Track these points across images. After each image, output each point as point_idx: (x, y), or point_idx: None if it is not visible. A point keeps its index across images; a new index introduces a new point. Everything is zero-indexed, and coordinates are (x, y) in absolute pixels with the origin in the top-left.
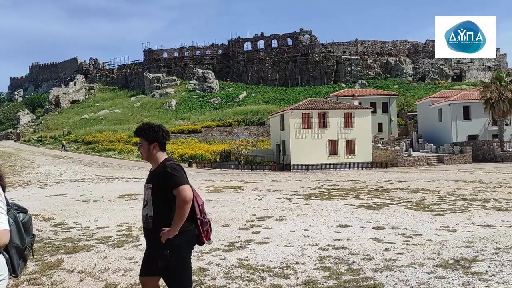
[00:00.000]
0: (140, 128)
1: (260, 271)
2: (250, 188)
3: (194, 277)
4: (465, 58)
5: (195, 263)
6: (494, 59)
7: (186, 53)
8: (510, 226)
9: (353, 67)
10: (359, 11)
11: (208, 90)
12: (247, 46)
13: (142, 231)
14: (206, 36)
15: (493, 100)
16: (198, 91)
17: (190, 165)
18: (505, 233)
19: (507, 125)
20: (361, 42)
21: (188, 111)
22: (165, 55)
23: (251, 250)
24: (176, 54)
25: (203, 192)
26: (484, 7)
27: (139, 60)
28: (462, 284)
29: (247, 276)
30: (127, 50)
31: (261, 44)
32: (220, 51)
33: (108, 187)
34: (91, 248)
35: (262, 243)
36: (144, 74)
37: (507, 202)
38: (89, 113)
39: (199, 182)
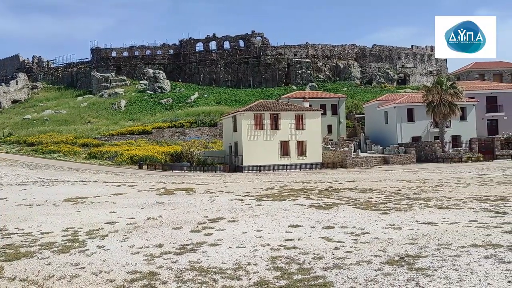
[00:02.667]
0: None
1: (212, 273)
2: (202, 190)
3: (144, 281)
4: (409, 67)
5: (145, 267)
6: (436, 64)
7: (136, 53)
8: (450, 223)
9: (303, 70)
10: (309, 15)
11: (159, 91)
12: (199, 46)
13: (90, 236)
14: (157, 36)
15: (435, 103)
16: (149, 92)
17: (140, 167)
18: (446, 230)
19: (447, 127)
20: (312, 45)
21: (138, 112)
22: (114, 54)
23: (203, 252)
24: (125, 54)
25: (154, 195)
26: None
27: (86, 58)
28: (407, 280)
29: (199, 279)
30: (74, 48)
31: (213, 45)
32: (171, 51)
33: (52, 190)
34: (34, 254)
35: (214, 245)
36: (92, 73)
37: (448, 201)
38: (32, 113)
39: (149, 184)
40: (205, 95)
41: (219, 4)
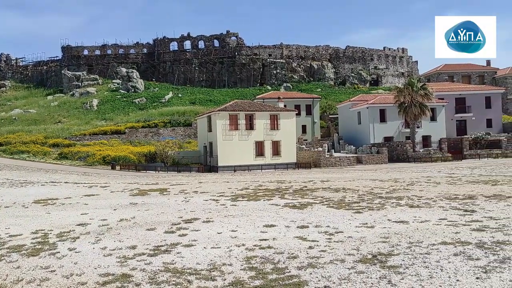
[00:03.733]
0: None
1: (186, 274)
2: (176, 190)
3: (117, 284)
4: (381, 69)
5: (117, 269)
6: (407, 65)
7: (109, 51)
8: (421, 222)
9: (278, 70)
10: (284, 15)
11: (133, 90)
12: (174, 46)
13: (60, 238)
14: (130, 35)
15: (406, 104)
16: (122, 91)
17: (113, 168)
18: (417, 228)
19: (418, 127)
20: (286, 46)
21: (111, 112)
22: (85, 52)
23: (178, 253)
24: (97, 52)
25: (127, 195)
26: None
27: (56, 57)
28: (380, 277)
29: (173, 280)
30: (43, 46)
31: (187, 44)
32: (145, 50)
33: (21, 191)
34: (2, 258)
35: (189, 245)
36: (63, 71)
37: (419, 199)
38: (0, 112)
39: (123, 185)
40: (180, 95)
41: (194, 3)
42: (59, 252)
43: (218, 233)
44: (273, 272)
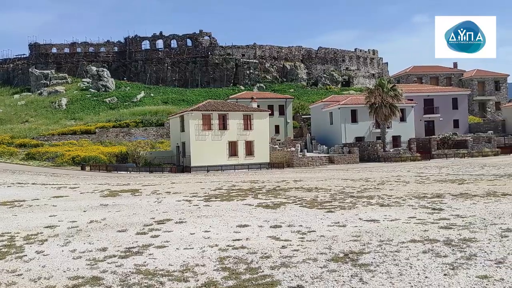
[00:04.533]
0: None
1: (159, 275)
2: (148, 191)
3: (87, 287)
4: (352, 70)
5: (87, 272)
6: (378, 67)
7: (78, 49)
8: (391, 220)
9: (251, 70)
10: (257, 16)
11: (103, 89)
12: (145, 45)
13: (27, 241)
14: (100, 33)
15: (377, 105)
16: (92, 90)
17: (83, 168)
18: (388, 227)
19: (388, 128)
20: (259, 46)
21: (81, 111)
22: (54, 50)
23: (150, 254)
24: (66, 50)
25: (97, 197)
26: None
27: (23, 54)
28: (351, 276)
29: (145, 282)
30: (10, 43)
31: (160, 43)
32: (116, 48)
33: None
34: None
35: (161, 247)
36: (30, 70)
37: (389, 198)
38: None
39: (93, 186)
40: (152, 95)
41: (167, 2)
42: (26, 256)
43: (191, 234)
44: (246, 272)
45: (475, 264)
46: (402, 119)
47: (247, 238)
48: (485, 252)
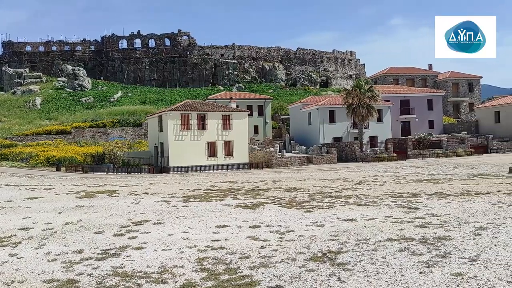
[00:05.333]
0: None
1: (136, 277)
2: (126, 192)
3: None
4: (330, 71)
5: (63, 275)
6: (355, 68)
7: (54, 48)
8: (369, 220)
9: (230, 71)
10: (236, 16)
11: (79, 89)
12: (123, 44)
13: (0, 244)
14: (76, 31)
15: (354, 106)
16: (68, 89)
17: (58, 169)
18: (365, 226)
19: (365, 128)
20: (238, 47)
21: (56, 111)
22: (28, 48)
23: (127, 256)
24: (41, 48)
25: (73, 198)
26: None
27: None
28: (329, 275)
29: (122, 284)
30: None
31: (137, 42)
32: (92, 47)
33: None
34: None
35: (139, 248)
36: (3, 68)
37: (366, 198)
38: None
39: (68, 187)
40: (129, 94)
41: (144, 1)
42: None
43: (170, 235)
44: (225, 272)
45: (450, 262)
46: (379, 119)
47: (226, 239)
48: (459, 250)
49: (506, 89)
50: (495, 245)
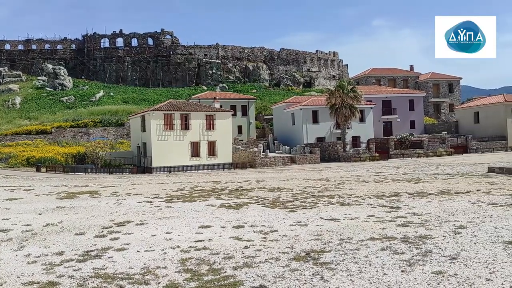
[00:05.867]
0: None
1: (118, 279)
2: (108, 192)
3: None
4: (314, 71)
5: (43, 277)
6: (338, 69)
7: (34, 46)
8: (351, 219)
9: (214, 71)
10: (220, 16)
11: (60, 88)
12: (105, 43)
13: None
14: (57, 29)
15: (337, 106)
16: (48, 89)
17: (38, 170)
18: (348, 225)
19: (348, 128)
20: (222, 47)
21: (36, 110)
22: (7, 47)
23: (109, 258)
24: (21, 47)
25: (54, 199)
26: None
27: None
28: (312, 274)
29: (104, 286)
30: None
31: (120, 41)
32: (73, 46)
33: None
34: None
35: (121, 249)
36: None
37: (349, 197)
38: None
39: (49, 188)
40: (112, 94)
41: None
42: None
43: (152, 236)
44: (208, 273)
45: (431, 260)
46: (362, 120)
47: (209, 239)
48: (440, 248)
49: (485, 90)
50: (475, 243)
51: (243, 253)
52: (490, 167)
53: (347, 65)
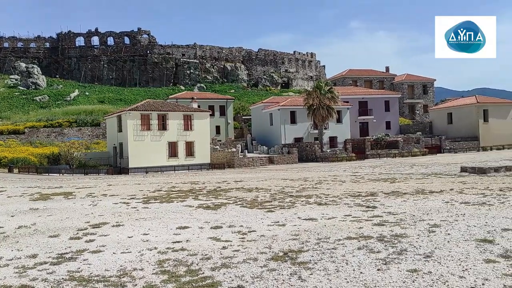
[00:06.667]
0: None
1: (94, 282)
2: (83, 194)
3: None
4: (291, 72)
5: (15, 281)
6: (315, 69)
7: (6, 44)
8: (328, 219)
9: (192, 70)
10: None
11: (33, 87)
12: (80, 41)
13: None
14: (30, 27)
15: (315, 107)
16: (21, 88)
17: (10, 171)
18: (325, 225)
19: (325, 129)
20: (200, 47)
21: (8, 110)
22: None
23: (84, 260)
24: None
25: (26, 200)
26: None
27: None
28: (290, 274)
29: None
30: None
31: (95, 40)
32: (47, 44)
33: None
34: None
35: (97, 251)
36: None
37: (326, 197)
38: None
39: (21, 189)
40: (87, 93)
41: None
42: None
43: (129, 237)
44: (186, 274)
45: (406, 259)
46: (339, 120)
47: (187, 240)
48: (415, 247)
49: (458, 91)
50: (448, 241)
51: (221, 254)
52: (462, 167)
53: (324, 66)
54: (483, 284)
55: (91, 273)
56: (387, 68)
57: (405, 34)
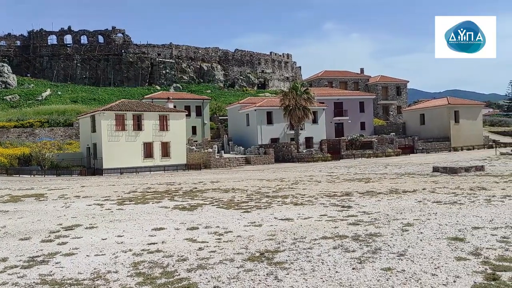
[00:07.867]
0: None
1: (67, 285)
2: (55, 195)
3: None
4: (268, 73)
5: None
6: (291, 71)
7: None
8: (304, 219)
9: (168, 70)
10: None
11: (3, 86)
12: (52, 40)
13: None
14: (0, 25)
15: (291, 107)
16: None
17: None
18: (301, 225)
19: (301, 129)
20: (176, 46)
21: None
22: None
23: (57, 263)
24: None
25: None
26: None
27: None
28: (267, 274)
29: None
30: None
31: (68, 39)
32: (18, 42)
33: None
34: None
35: (70, 254)
36: None
37: (302, 197)
38: None
39: None
40: (59, 93)
41: None
42: None
43: (103, 239)
44: (162, 276)
45: (380, 257)
46: (314, 121)
47: (163, 242)
48: (389, 245)
49: (430, 93)
50: (421, 240)
51: (197, 255)
52: (434, 167)
53: (300, 67)
54: (454, 282)
55: (63, 277)
56: (362, 70)
57: (378, 36)
